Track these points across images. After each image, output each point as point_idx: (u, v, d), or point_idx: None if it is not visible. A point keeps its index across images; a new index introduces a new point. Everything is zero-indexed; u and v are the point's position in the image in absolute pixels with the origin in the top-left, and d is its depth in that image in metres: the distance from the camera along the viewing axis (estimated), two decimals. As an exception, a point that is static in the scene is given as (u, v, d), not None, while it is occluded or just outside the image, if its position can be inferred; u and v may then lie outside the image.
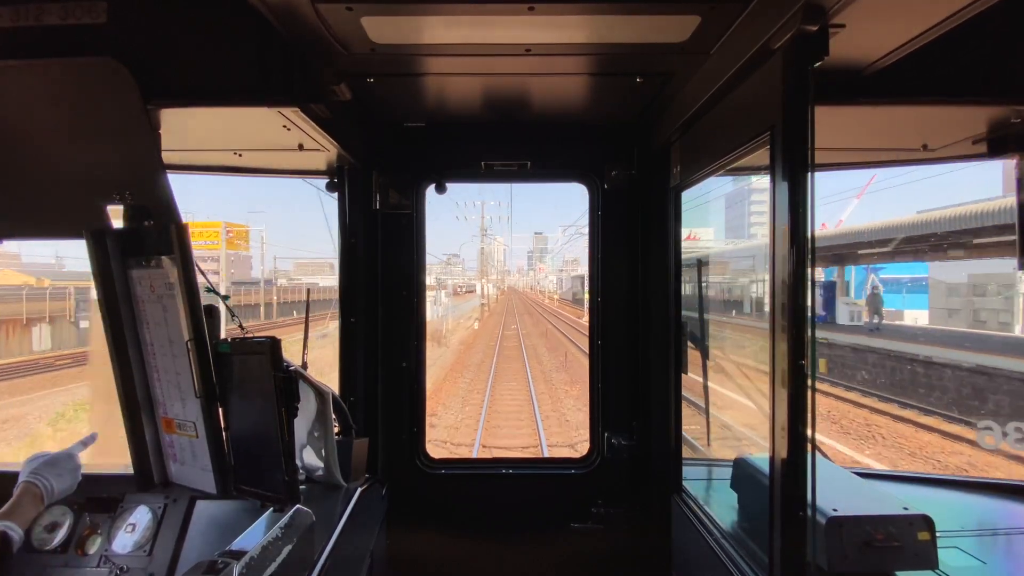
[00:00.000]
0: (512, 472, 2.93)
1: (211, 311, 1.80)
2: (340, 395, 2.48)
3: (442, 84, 2.26)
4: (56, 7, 1.63)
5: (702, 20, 1.64)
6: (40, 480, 1.69)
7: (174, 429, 1.92)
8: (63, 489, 1.75)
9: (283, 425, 1.67)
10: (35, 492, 1.66)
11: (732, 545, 2.02)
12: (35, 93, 1.68)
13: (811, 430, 1.45)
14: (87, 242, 1.81)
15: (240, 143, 2.41)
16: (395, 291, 2.89)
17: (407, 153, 2.84)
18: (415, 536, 2.83)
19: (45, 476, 1.70)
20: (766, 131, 1.59)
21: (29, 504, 1.64)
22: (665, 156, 2.60)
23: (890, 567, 1.65)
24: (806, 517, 1.46)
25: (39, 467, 1.72)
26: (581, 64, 2.01)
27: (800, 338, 1.45)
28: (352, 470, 2.21)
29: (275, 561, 1.52)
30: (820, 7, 1.32)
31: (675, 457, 2.64)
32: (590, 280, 3.00)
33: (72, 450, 1.83)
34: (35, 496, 1.66)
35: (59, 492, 1.73)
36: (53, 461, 1.76)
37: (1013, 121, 2.02)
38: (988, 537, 2.12)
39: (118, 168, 1.72)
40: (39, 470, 1.71)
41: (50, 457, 1.77)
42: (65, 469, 1.76)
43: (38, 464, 1.73)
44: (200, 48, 1.74)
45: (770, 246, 1.55)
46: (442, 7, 1.59)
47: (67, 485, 1.77)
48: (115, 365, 1.90)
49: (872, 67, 1.68)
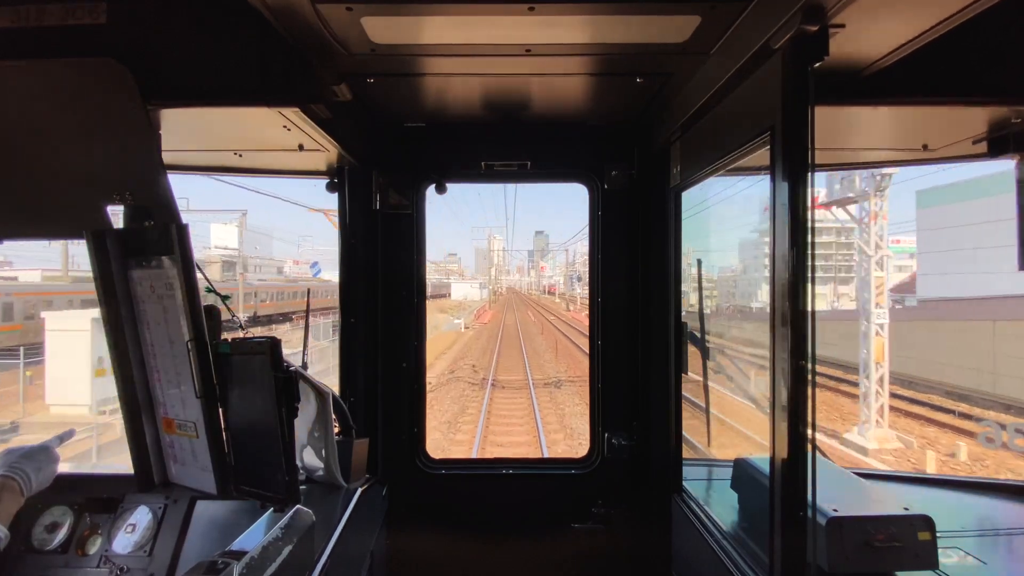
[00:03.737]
0: (512, 472, 2.93)
1: (211, 311, 1.80)
2: (340, 395, 2.49)
3: (442, 84, 2.26)
4: (56, 7, 1.63)
5: (702, 20, 1.64)
6: (17, 474, 1.65)
7: (174, 429, 1.92)
8: (41, 482, 1.72)
9: (283, 425, 1.67)
10: (13, 486, 1.63)
11: (732, 545, 2.02)
12: (35, 93, 1.68)
13: (811, 430, 1.45)
14: (87, 242, 1.81)
15: (240, 143, 2.41)
16: (395, 291, 2.89)
17: (407, 153, 2.84)
18: (415, 536, 2.83)
19: (22, 469, 1.67)
20: (766, 131, 1.60)
21: (9, 499, 1.61)
22: (665, 156, 2.60)
23: (891, 567, 1.65)
24: (806, 517, 1.46)
25: (15, 460, 1.69)
26: (581, 64, 2.01)
27: (800, 338, 1.45)
28: (352, 470, 2.21)
29: (275, 561, 1.52)
30: (820, 7, 1.32)
31: (675, 457, 2.65)
32: (590, 280, 3.01)
33: (49, 443, 1.81)
34: (13, 491, 1.63)
35: (37, 485, 1.70)
36: (29, 454, 1.73)
37: (1013, 121, 2.02)
38: (989, 537, 2.12)
39: (118, 168, 1.72)
40: (16, 463, 1.68)
41: (26, 450, 1.75)
42: (42, 461, 1.74)
43: (14, 458, 1.70)
44: (200, 48, 1.74)
45: (770, 246, 1.55)
46: (442, 7, 1.59)
47: (45, 478, 1.74)
48: (115, 365, 1.90)
49: (872, 67, 1.68)
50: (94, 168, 1.74)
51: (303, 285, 49.63)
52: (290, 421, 1.69)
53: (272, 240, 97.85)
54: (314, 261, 57.43)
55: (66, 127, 1.72)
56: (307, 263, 65.20)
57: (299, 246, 79.20)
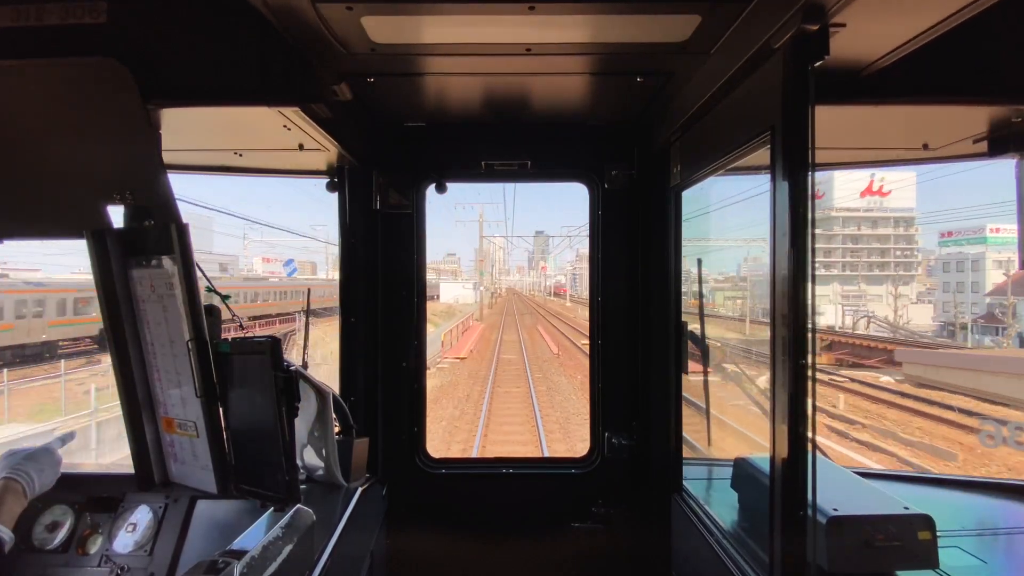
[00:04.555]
0: (512, 472, 2.94)
1: (211, 311, 1.80)
2: (340, 395, 2.48)
3: (442, 84, 2.26)
4: (56, 7, 1.63)
5: (702, 20, 1.64)
6: (20, 475, 1.65)
7: (175, 429, 1.92)
8: (44, 484, 1.72)
9: (283, 425, 1.67)
10: (16, 488, 1.63)
11: (732, 545, 2.02)
12: (35, 93, 1.68)
13: (811, 430, 1.45)
14: (87, 242, 1.81)
15: (240, 143, 2.41)
16: (395, 291, 2.89)
17: (407, 153, 2.84)
18: (416, 536, 2.84)
19: (25, 471, 1.67)
20: (766, 131, 1.60)
21: (13, 502, 1.61)
22: (665, 156, 2.60)
23: (891, 567, 1.65)
24: (806, 517, 1.46)
25: (18, 462, 1.69)
26: (581, 64, 2.01)
27: (801, 338, 1.45)
28: (352, 470, 2.21)
29: (276, 561, 1.52)
30: (820, 7, 1.32)
31: (675, 457, 2.65)
32: (590, 280, 3.01)
33: (51, 445, 1.81)
34: (17, 493, 1.63)
35: (40, 487, 1.70)
36: (32, 456, 1.73)
37: (1013, 121, 2.02)
38: (989, 537, 2.12)
39: (118, 168, 1.72)
40: (19, 465, 1.68)
41: (28, 452, 1.75)
42: (45, 463, 1.74)
43: (17, 459, 1.70)
44: (200, 48, 1.74)
45: (770, 246, 1.55)
46: (442, 7, 1.59)
47: (48, 479, 1.74)
48: (115, 365, 1.90)
49: (872, 67, 1.67)
50: (94, 168, 1.74)
51: (272, 285, 44.73)
52: (290, 420, 1.69)
53: (212, 234, 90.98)
54: (288, 259, 52.87)
55: (66, 127, 1.72)
56: (279, 260, 60.47)
57: (245, 237, 71.25)
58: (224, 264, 67.65)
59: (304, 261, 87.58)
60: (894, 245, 65.68)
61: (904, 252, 64.44)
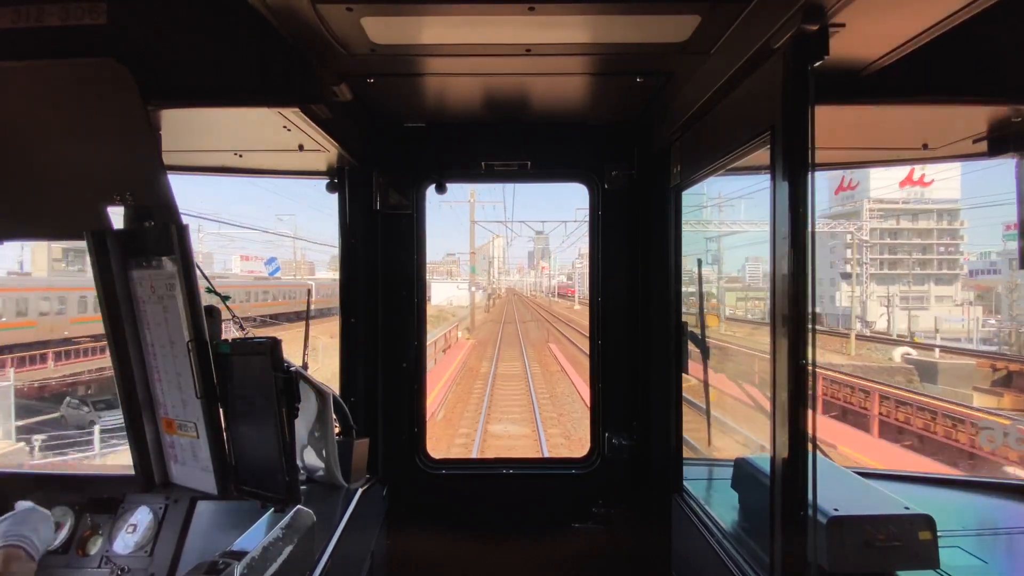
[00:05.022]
0: (512, 472, 2.93)
1: (211, 311, 1.80)
2: (340, 395, 2.48)
3: (442, 84, 2.27)
4: (56, 8, 1.63)
5: (702, 20, 1.64)
6: (21, 540, 1.62)
7: (175, 430, 1.92)
8: (46, 539, 1.71)
9: (284, 425, 1.67)
10: (19, 554, 1.60)
11: (733, 545, 2.02)
12: (36, 94, 1.68)
13: (812, 430, 1.45)
14: (87, 243, 1.81)
15: (240, 143, 2.41)
16: (395, 291, 2.89)
17: (407, 153, 2.84)
18: (416, 536, 2.83)
19: (23, 535, 1.63)
20: (766, 131, 1.60)
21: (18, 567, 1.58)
22: (665, 156, 2.60)
23: (891, 567, 1.65)
24: (807, 517, 1.46)
25: (7, 529, 1.64)
26: (581, 64, 2.01)
27: (801, 338, 1.45)
28: (353, 470, 2.21)
29: (276, 562, 1.52)
30: (820, 7, 1.32)
31: (675, 457, 2.65)
32: (590, 280, 3.01)
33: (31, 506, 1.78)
34: (20, 558, 1.59)
35: (43, 543, 1.68)
36: (21, 519, 1.69)
37: (1013, 121, 2.02)
38: (989, 537, 2.12)
39: (118, 168, 1.72)
40: (11, 532, 1.63)
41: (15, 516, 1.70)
42: (36, 521, 1.71)
43: (5, 526, 1.65)
44: (200, 48, 1.74)
45: (770, 246, 1.55)
46: (442, 7, 1.59)
47: (48, 535, 1.73)
48: (115, 365, 1.90)
49: (872, 67, 1.67)
50: (94, 168, 1.74)
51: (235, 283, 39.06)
52: (290, 421, 1.69)
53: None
54: (271, 257, 45.88)
55: (66, 127, 1.72)
56: (260, 259, 54.42)
57: (199, 229, 65.64)
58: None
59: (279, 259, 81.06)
60: (937, 240, 60.24)
61: (947, 249, 59.27)
